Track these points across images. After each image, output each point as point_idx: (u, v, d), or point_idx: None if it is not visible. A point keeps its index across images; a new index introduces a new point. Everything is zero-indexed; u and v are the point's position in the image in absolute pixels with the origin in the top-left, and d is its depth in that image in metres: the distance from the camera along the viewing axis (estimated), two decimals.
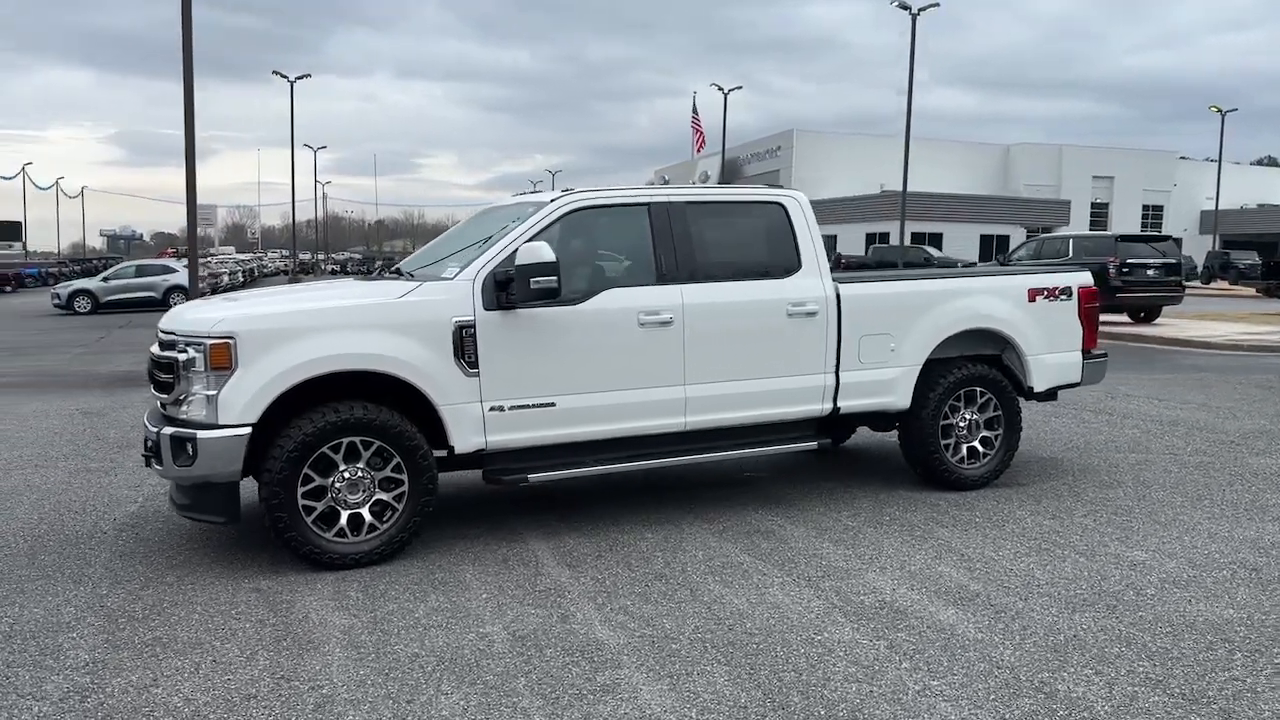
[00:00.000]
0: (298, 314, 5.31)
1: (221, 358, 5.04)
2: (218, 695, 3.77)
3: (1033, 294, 7.04)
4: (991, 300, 6.92)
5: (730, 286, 6.13)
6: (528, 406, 5.61)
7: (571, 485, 6.95)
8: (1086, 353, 7.29)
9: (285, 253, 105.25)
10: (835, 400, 6.43)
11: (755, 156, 63.12)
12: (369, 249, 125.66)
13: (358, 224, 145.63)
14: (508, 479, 5.66)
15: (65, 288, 29.68)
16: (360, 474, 5.27)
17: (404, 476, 5.35)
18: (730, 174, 60.89)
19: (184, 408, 5.16)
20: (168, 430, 5.13)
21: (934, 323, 6.68)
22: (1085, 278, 7.34)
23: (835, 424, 6.70)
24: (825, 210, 57.55)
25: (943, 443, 6.79)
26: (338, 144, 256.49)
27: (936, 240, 50.72)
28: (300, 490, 5.15)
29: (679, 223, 6.06)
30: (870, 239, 51.24)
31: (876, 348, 6.52)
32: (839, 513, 6.29)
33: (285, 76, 45.98)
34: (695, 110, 56.33)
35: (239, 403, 5.03)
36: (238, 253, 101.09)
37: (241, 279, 43.21)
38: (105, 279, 30.21)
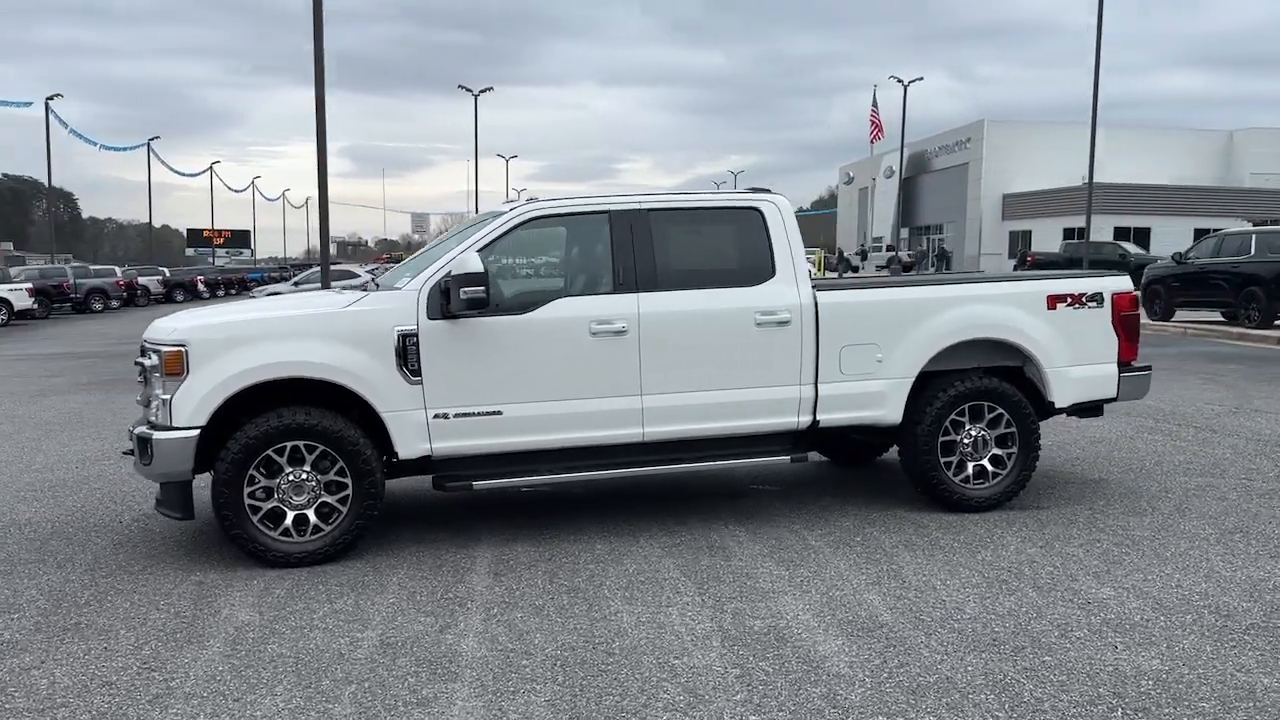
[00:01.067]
0: (245, 324, 5.62)
1: (174, 364, 5.40)
2: (80, 680, 4.06)
3: (1053, 300, 6.48)
4: (999, 308, 6.41)
5: (693, 295, 5.99)
6: (473, 415, 5.68)
7: (557, 492, 6.99)
8: (1125, 365, 6.63)
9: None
10: (815, 413, 6.15)
11: (943, 149, 60.57)
12: None
13: None
14: (451, 486, 5.76)
15: (261, 291, 32.32)
16: (305, 477, 5.51)
17: (348, 480, 5.55)
18: (915, 167, 58.85)
19: (150, 410, 5.56)
20: (136, 430, 5.56)
21: (929, 333, 6.26)
22: (1121, 282, 6.68)
23: (821, 438, 6.41)
24: (1018, 205, 54.68)
25: (943, 460, 6.36)
26: (544, 152, 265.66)
27: (1143, 236, 47.13)
28: (246, 490, 5.43)
29: (641, 230, 5.97)
30: (1068, 235, 48.15)
31: (861, 359, 6.18)
32: (811, 531, 6.02)
33: (469, 90, 48.17)
34: (875, 103, 54.83)
35: (189, 407, 5.37)
36: None
37: None
38: (295, 283, 32.66)
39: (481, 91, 47.90)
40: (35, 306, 31.47)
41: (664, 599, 4.90)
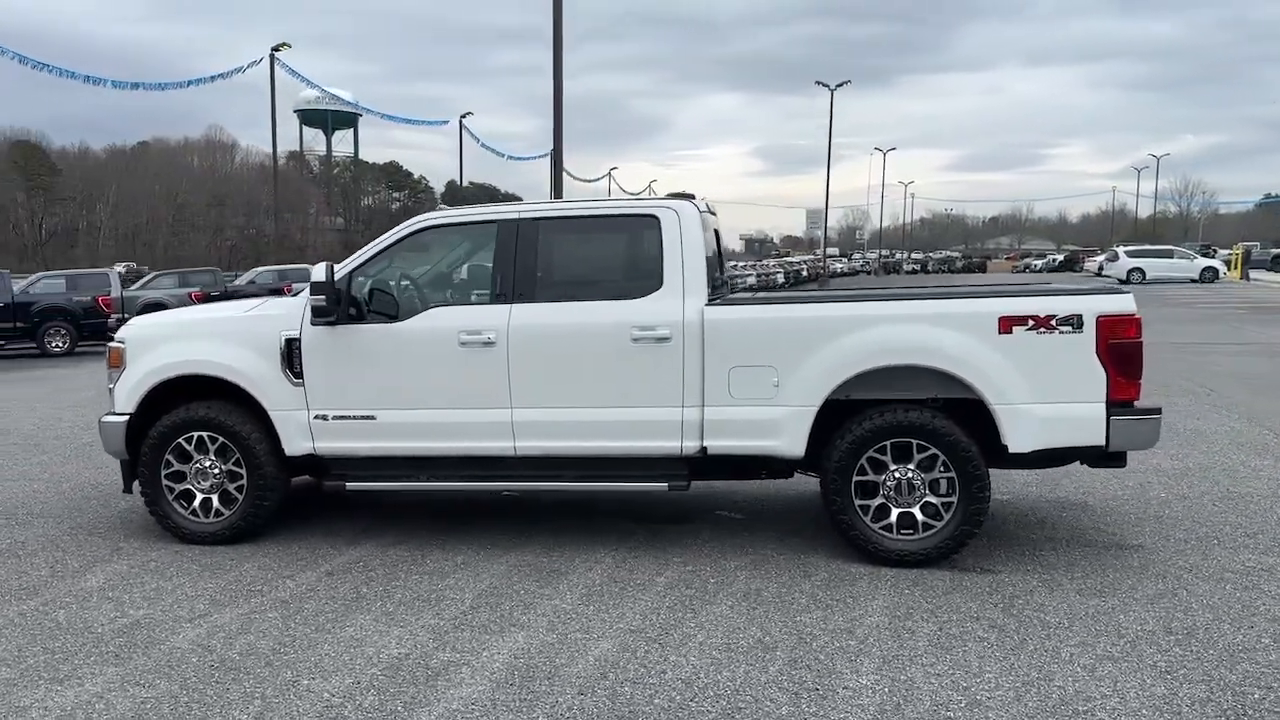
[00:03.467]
0: (169, 325, 6.33)
1: (115, 359, 6.25)
2: None
3: (1007, 323, 5.35)
4: (924, 330, 5.41)
5: (567, 307, 5.75)
6: (349, 418, 5.93)
7: (536, 500, 7.01)
8: (1120, 405, 5.31)
9: (887, 252, 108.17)
10: (702, 438, 5.64)
11: None
12: (968, 247, 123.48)
13: (959, 221, 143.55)
14: (328, 485, 6.05)
15: None
16: (209, 465, 6.10)
17: (243, 471, 6.06)
18: None
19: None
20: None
21: (836, 356, 5.46)
22: (1111, 302, 5.33)
23: (722, 466, 5.83)
24: None
25: (860, 503, 5.53)
26: (961, 141, 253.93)
27: None
28: (163, 473, 6.13)
29: (527, 241, 5.85)
30: None
31: (754, 382, 5.55)
32: (702, 568, 5.50)
33: (826, 85, 47.65)
34: None
35: (123, 396, 6.18)
36: (840, 255, 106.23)
37: (782, 280, 45.89)
38: None
39: (838, 85, 47.26)
40: None
41: (408, 618, 4.83)
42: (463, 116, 56.42)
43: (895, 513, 5.50)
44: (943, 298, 5.58)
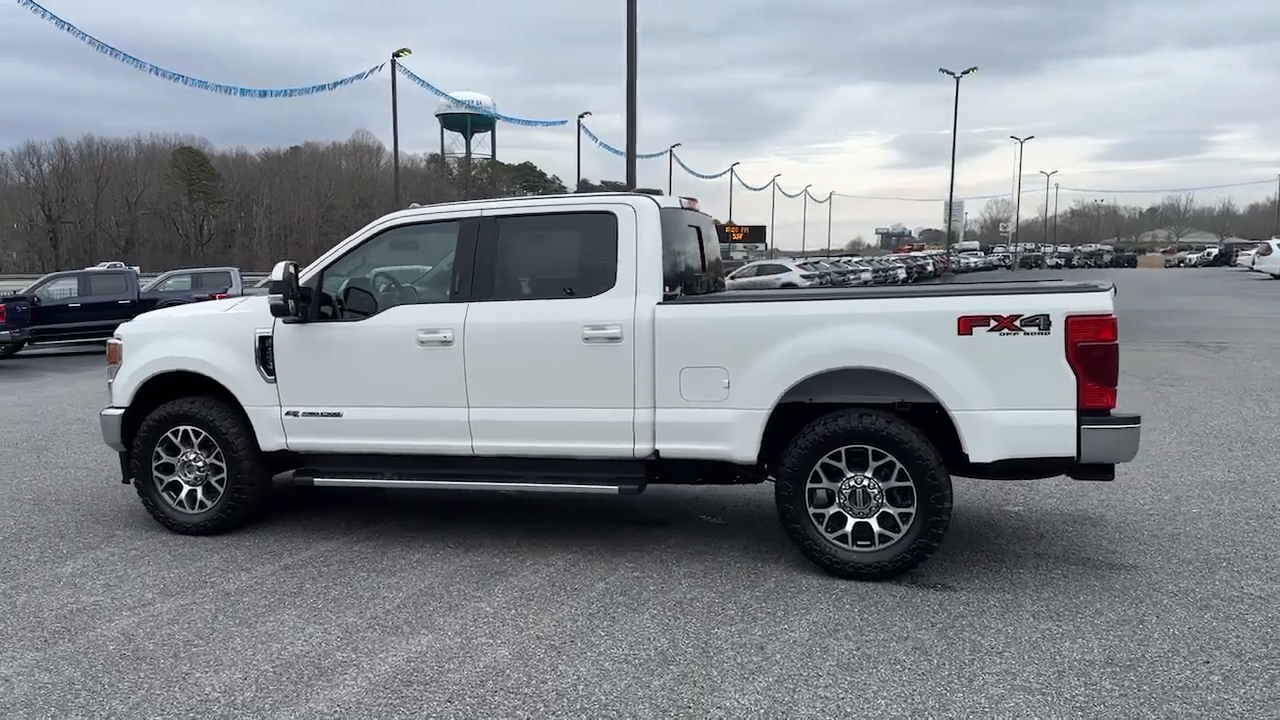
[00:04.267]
0: (160, 322, 6.54)
1: (113, 355, 6.53)
2: None
3: (967, 323, 4.99)
4: (880, 330, 5.10)
5: (522, 306, 5.68)
6: (317, 415, 6.03)
7: (522, 499, 6.99)
8: (1093, 413, 4.88)
9: (1031, 246, 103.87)
10: (654, 441, 5.48)
11: None
12: (1120, 240, 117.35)
13: (1112, 213, 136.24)
14: (298, 480, 6.15)
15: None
16: (193, 458, 6.31)
17: (224, 464, 6.24)
18: None
19: None
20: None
21: (788, 357, 5.21)
22: (1082, 301, 4.90)
23: (688, 469, 5.64)
24: None
25: (813, 512, 5.27)
26: (1116, 129, 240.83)
27: None
28: (153, 465, 6.38)
29: (487, 239, 5.81)
30: None
31: (705, 383, 5.36)
32: (648, 574, 5.36)
33: (951, 73, 45.93)
34: None
35: (118, 390, 6.46)
36: (980, 249, 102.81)
37: (903, 275, 44.61)
38: (731, 277, 34.25)
39: (965, 73, 45.44)
40: None
41: (295, 608, 4.88)
42: (580, 116, 56.82)
43: (851, 523, 5.22)
44: (900, 297, 5.25)
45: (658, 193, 5.89)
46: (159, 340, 6.39)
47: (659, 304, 5.45)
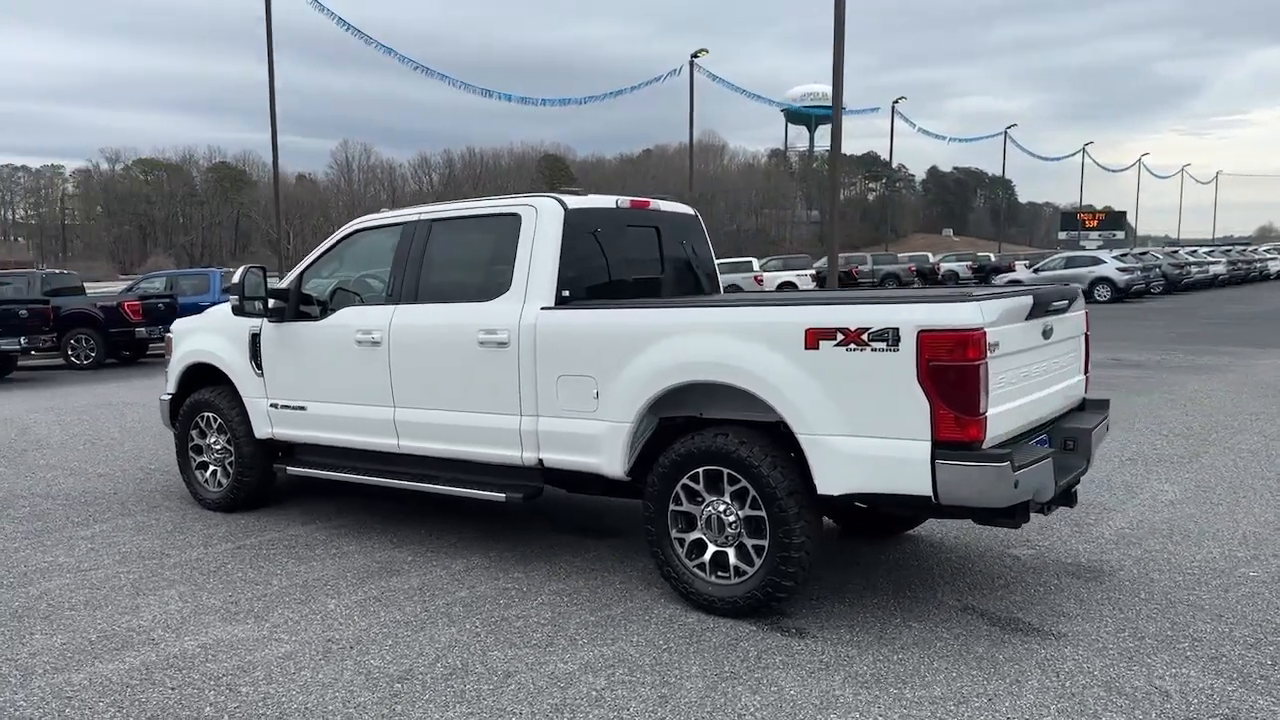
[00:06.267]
0: (197, 319, 7.30)
1: (168, 348, 7.43)
2: None
3: (814, 336, 4.37)
4: (729, 342, 4.57)
5: (436, 309, 5.73)
6: (290, 408, 6.48)
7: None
8: (953, 446, 4.10)
9: None
10: (539, 450, 5.33)
11: None
12: None
13: None
14: (276, 467, 6.63)
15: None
16: (212, 441, 7.02)
17: (232, 449, 6.89)
18: None
19: None
20: None
21: (646, 369, 4.84)
22: (939, 314, 4.10)
23: (575, 479, 5.42)
24: None
25: (675, 535, 4.88)
26: None
27: None
28: (188, 445, 7.18)
29: (419, 242, 5.94)
30: None
31: (579, 393, 5.12)
32: (512, 589, 5.28)
33: None
34: None
35: (170, 378, 7.34)
36: None
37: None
38: (1036, 269, 31.32)
39: None
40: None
41: (235, 597, 5.23)
42: (895, 101, 54.83)
43: (710, 551, 4.77)
44: (755, 305, 4.71)
45: (577, 193, 5.70)
46: (193, 335, 7.17)
47: (543, 309, 5.28)
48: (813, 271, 36.74)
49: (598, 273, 5.63)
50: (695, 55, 37.68)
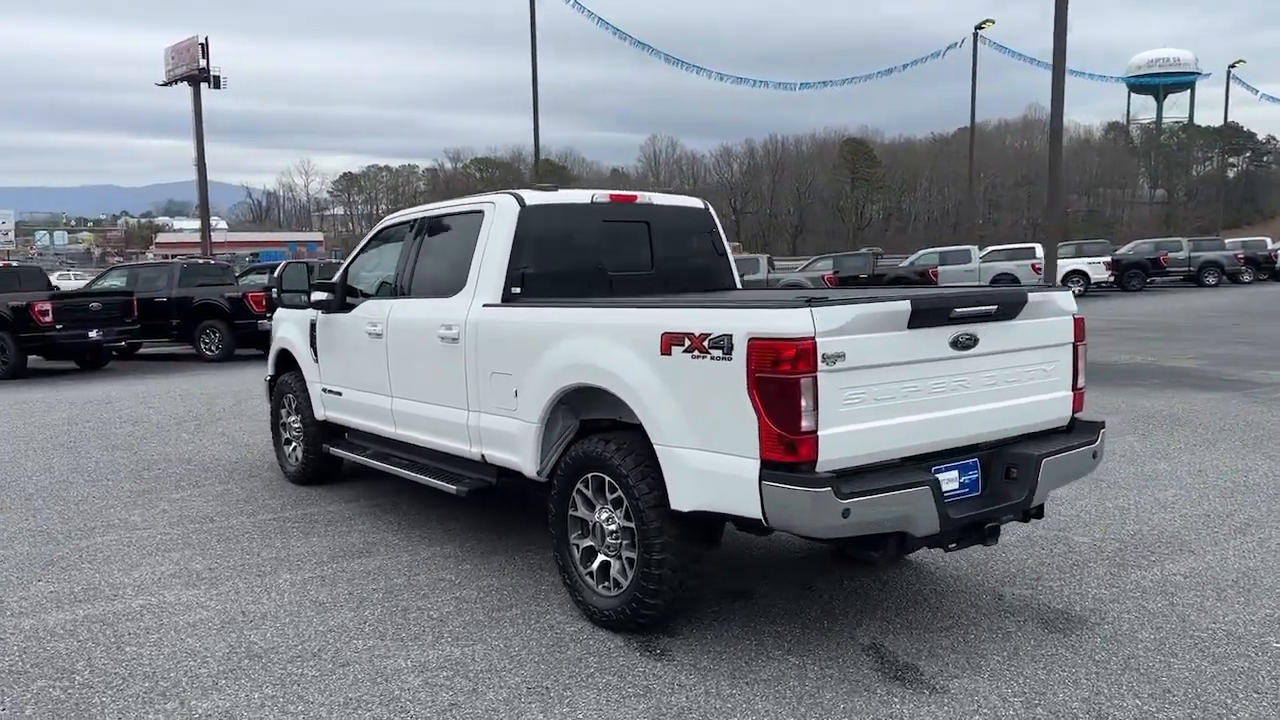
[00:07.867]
0: (286, 309, 7.95)
1: (272, 333, 8.20)
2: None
3: (668, 341, 4.07)
4: (604, 345, 4.36)
5: (418, 304, 5.91)
6: (332, 392, 6.95)
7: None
8: (781, 468, 3.70)
9: None
10: (482, 444, 5.38)
11: None
12: None
13: None
14: (324, 446, 7.12)
15: None
16: (291, 420, 7.69)
17: (301, 426, 7.51)
18: None
19: None
20: None
21: (546, 369, 4.74)
22: (768, 320, 3.67)
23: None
24: None
25: (573, 540, 4.76)
26: None
27: None
28: (278, 423, 7.92)
29: (418, 237, 6.16)
30: None
31: (503, 390, 5.10)
32: (441, 582, 5.39)
33: None
34: None
35: (269, 361, 8.10)
36: None
37: None
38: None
39: None
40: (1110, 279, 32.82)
41: (189, 565, 5.75)
42: (1231, 66, 48.08)
43: (599, 559, 4.61)
44: (629, 307, 4.46)
45: (547, 188, 5.65)
46: (282, 324, 7.85)
47: (484, 306, 5.31)
48: (1107, 259, 33.28)
49: (563, 270, 5.55)
50: (979, 26, 35.33)
